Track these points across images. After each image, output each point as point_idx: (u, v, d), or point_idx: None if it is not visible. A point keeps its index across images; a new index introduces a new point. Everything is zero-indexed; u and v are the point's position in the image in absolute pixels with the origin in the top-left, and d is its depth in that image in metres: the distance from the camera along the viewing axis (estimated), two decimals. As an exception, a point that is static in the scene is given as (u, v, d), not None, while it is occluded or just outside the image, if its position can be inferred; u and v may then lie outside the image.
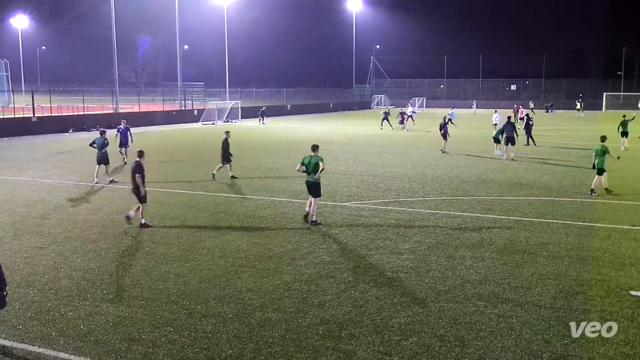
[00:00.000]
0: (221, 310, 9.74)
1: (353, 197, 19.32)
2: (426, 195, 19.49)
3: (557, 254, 12.76)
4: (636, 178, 23.34)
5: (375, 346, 8.47)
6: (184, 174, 24.40)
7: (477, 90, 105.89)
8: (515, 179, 22.73)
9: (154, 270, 11.73)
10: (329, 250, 13.08)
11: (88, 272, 11.67)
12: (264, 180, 22.52)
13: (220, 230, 14.92)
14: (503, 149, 29.72)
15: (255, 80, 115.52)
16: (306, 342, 8.59)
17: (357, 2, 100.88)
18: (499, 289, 10.68)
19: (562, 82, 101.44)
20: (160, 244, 13.66)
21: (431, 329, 9.04)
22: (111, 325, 9.16)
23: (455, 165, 26.90)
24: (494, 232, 14.61)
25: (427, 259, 12.48)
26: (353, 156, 30.22)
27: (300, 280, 11.13)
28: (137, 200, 15.40)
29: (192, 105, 62.81)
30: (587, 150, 33.20)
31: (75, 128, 46.33)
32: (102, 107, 56.50)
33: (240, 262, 12.25)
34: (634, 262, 12.19)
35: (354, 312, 9.67)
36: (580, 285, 10.88)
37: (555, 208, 17.50)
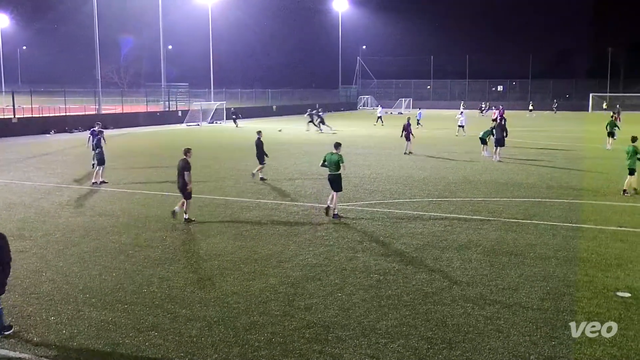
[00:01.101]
0: (206, 314, 9.63)
1: (340, 198, 19.20)
2: (413, 197, 19.46)
3: (544, 255, 12.77)
4: (622, 178, 23.38)
5: (362, 349, 8.41)
6: (168, 176, 24.15)
7: (463, 91, 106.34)
8: (502, 180, 22.78)
9: (137, 274, 11.57)
10: (316, 253, 12.99)
11: (70, 275, 11.49)
12: (250, 182, 22.37)
13: (205, 233, 14.78)
14: (492, 150, 29.78)
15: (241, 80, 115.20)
16: (292, 345, 8.51)
17: (343, 3, 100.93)
18: (487, 291, 10.65)
19: (549, 83, 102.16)
20: (144, 247, 13.49)
21: (418, 331, 8.99)
22: (94, 330, 9.03)
23: (442, 166, 26.93)
24: (481, 234, 14.60)
25: (414, 261, 12.43)
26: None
27: (286, 283, 11.04)
28: (182, 196, 15.88)
29: (176, 106, 62.46)
30: (573, 152, 33.45)
31: (57, 129, 45.88)
32: (85, 108, 55.97)
33: (226, 265, 12.13)
34: (621, 263, 12.22)
35: (341, 315, 9.59)
36: (567, 287, 10.88)
37: (542, 209, 17.54)
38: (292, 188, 21.01)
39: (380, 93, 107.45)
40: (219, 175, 23.91)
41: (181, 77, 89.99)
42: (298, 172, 24.81)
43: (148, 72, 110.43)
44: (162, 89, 67.18)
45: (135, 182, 22.32)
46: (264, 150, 22.64)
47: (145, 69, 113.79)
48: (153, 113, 58.51)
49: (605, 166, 27.00)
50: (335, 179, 16.25)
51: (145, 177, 23.52)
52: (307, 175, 23.75)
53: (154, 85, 77.50)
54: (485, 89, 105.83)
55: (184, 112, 58.93)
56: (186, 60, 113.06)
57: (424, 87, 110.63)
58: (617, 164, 27.69)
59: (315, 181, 22.52)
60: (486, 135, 31.05)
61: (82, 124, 47.46)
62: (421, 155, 30.99)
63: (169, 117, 58.33)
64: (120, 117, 53.92)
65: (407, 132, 32.13)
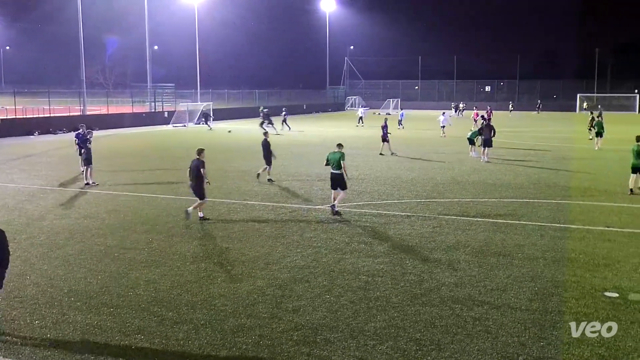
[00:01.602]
0: (193, 316, 9.54)
1: (327, 200, 19.16)
2: (401, 198, 19.44)
3: (532, 256, 12.78)
4: (609, 178, 23.62)
5: (350, 351, 8.36)
6: (154, 177, 24.04)
7: (451, 91, 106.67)
8: (490, 181, 22.83)
9: (123, 277, 11.45)
10: (303, 255, 12.92)
11: (55, 279, 11.35)
12: (237, 183, 22.27)
13: (192, 235, 14.66)
14: (479, 150, 29.84)
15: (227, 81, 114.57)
16: (280, 348, 8.45)
17: (330, 3, 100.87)
18: (475, 292, 10.64)
19: (536, 83, 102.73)
20: (130, 249, 13.36)
21: (407, 332, 8.96)
22: (79, 333, 8.92)
23: (430, 167, 26.96)
24: (470, 235, 14.60)
25: (403, 262, 12.40)
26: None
27: (274, 285, 10.96)
28: (195, 196, 16.10)
29: (162, 107, 62.11)
30: (561, 152, 33.63)
31: (41, 130, 45.47)
32: (69, 109, 55.51)
33: (213, 267, 12.04)
34: (608, 264, 12.27)
35: (329, 317, 9.54)
36: (555, 287, 10.89)
37: (530, 210, 17.59)
38: (280, 189, 20.93)
39: (368, 94, 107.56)
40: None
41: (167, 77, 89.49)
42: (285, 173, 24.73)
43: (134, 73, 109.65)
44: (148, 89, 66.78)
45: (121, 184, 22.13)
46: (271, 151, 22.65)
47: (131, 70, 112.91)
48: (139, 114, 58.15)
49: (592, 166, 27.17)
50: (338, 177, 16.76)
51: (131, 179, 23.34)
52: (294, 177, 23.68)
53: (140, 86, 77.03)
54: (473, 90, 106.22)
55: (170, 113, 58.62)
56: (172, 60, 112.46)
57: (411, 88, 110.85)
58: (604, 164, 27.93)
59: (303, 183, 22.47)
60: (474, 135, 31.14)
61: (67, 125, 47.06)
62: (409, 156, 31.03)
63: (155, 118, 58.00)
64: (105, 118, 53.50)
65: (384, 133, 32.06)
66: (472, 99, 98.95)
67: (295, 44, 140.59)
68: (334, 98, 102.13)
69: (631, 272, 11.76)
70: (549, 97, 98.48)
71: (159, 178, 23.76)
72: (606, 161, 29.25)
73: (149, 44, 70.16)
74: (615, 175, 24.54)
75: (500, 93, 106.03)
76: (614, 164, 28.30)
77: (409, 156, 31.08)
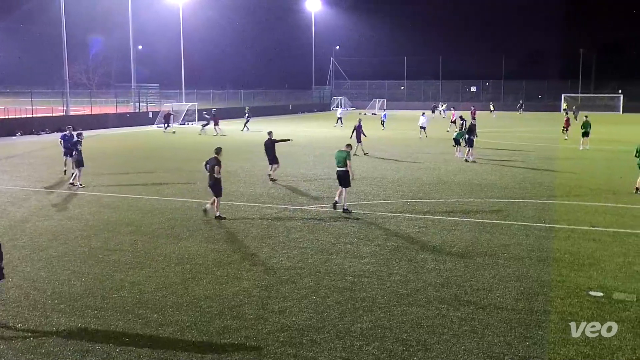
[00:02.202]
0: (178, 318, 9.47)
1: (313, 200, 19.16)
2: (387, 198, 19.45)
3: (517, 256, 12.84)
4: (594, 178, 23.80)
5: (337, 352, 8.34)
6: (138, 178, 23.87)
7: (437, 91, 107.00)
8: (475, 181, 22.91)
9: (107, 279, 11.34)
10: (289, 255, 12.88)
11: (38, 281, 11.21)
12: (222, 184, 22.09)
13: (177, 236, 14.56)
14: (464, 151, 29.92)
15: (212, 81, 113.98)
16: (267, 349, 8.42)
17: (316, 3, 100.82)
18: (461, 292, 10.66)
19: (522, 84, 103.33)
20: (115, 250, 13.24)
21: (393, 333, 8.95)
22: (63, 336, 8.82)
23: (415, 167, 27.01)
24: (455, 235, 14.63)
25: (389, 262, 12.40)
26: (313, 159, 30.08)
27: (260, 287, 10.91)
28: (212, 194, 16.43)
29: (147, 107, 61.69)
30: (546, 152, 33.84)
31: (24, 131, 44.97)
32: (52, 110, 54.96)
33: (198, 269, 11.96)
34: (593, 263, 12.35)
35: (315, 317, 9.51)
36: (541, 287, 10.94)
37: (516, 210, 17.67)
38: (265, 190, 20.86)
39: (354, 94, 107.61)
40: (191, 177, 23.64)
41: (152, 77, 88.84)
42: (271, 173, 24.62)
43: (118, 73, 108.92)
44: (132, 89, 66.29)
45: (105, 185, 21.94)
46: (275, 151, 22.85)
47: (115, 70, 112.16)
48: (123, 114, 57.75)
49: (577, 166, 27.36)
50: (343, 175, 17.18)
51: (116, 180, 23.16)
52: (279, 177, 23.60)
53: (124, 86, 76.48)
54: (459, 90, 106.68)
55: (154, 114, 58.24)
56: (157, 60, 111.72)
57: (397, 88, 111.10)
58: (589, 164, 28.15)
59: (289, 183, 22.42)
60: (460, 136, 31.25)
61: (50, 126, 46.62)
62: (394, 157, 31.07)
63: (140, 118, 57.60)
64: (89, 119, 53.02)
65: (357, 133, 31.81)
66: (458, 99, 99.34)
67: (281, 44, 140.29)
68: (319, 98, 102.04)
69: (615, 271, 11.85)
70: (534, 97, 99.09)
71: (144, 179, 23.59)
72: (591, 161, 29.50)
73: (133, 43, 69.66)
74: (600, 175, 24.75)
75: (485, 93, 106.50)
76: (599, 163, 28.57)
77: (395, 156, 31.11)
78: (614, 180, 23.23)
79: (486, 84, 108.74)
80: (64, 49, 53.33)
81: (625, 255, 12.87)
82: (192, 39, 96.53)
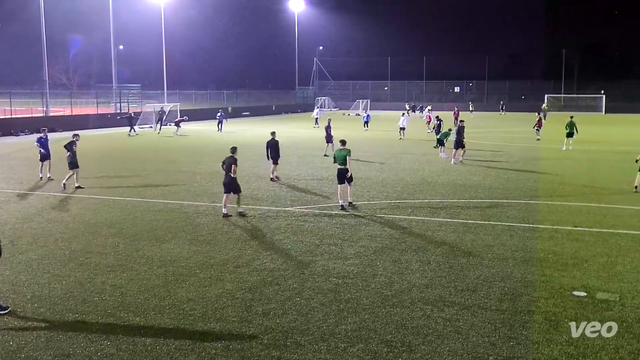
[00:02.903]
0: (161, 321, 9.36)
1: (297, 201, 19.09)
2: (371, 199, 19.43)
3: (502, 256, 12.87)
4: (577, 179, 23.96)
5: (321, 354, 8.29)
6: (120, 180, 23.64)
7: (421, 92, 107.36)
8: (459, 182, 22.97)
9: (88, 282, 11.19)
10: (273, 257, 12.80)
11: (17, 284, 11.03)
12: (205, 186, 22.01)
13: (159, 239, 14.41)
14: (450, 152, 29.88)
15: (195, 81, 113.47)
16: (250, 352, 8.34)
17: (299, 3, 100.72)
18: (446, 293, 10.66)
19: (505, 84, 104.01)
20: (96, 253, 13.07)
21: (378, 334, 8.92)
22: (43, 341, 8.68)
23: (399, 168, 27.04)
24: (440, 235, 14.64)
25: (373, 263, 12.37)
26: (297, 159, 30.02)
27: (243, 289, 10.83)
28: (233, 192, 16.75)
29: (128, 108, 61.16)
30: (530, 152, 34.05)
31: (2, 132, 44.39)
32: (32, 110, 54.29)
33: (181, 271, 11.84)
34: (576, 263, 12.41)
35: (300, 319, 9.45)
36: (524, 287, 10.97)
37: (500, 210, 17.73)
38: (249, 191, 20.73)
39: (338, 94, 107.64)
40: (174, 179, 23.47)
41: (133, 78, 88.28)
42: (254, 175, 24.54)
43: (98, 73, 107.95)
44: (113, 90, 65.76)
45: (85, 187, 21.68)
46: (278, 150, 22.88)
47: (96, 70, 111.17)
48: (104, 115, 57.20)
49: (561, 167, 27.55)
50: (345, 172, 17.66)
51: (97, 182, 22.89)
52: (263, 178, 23.51)
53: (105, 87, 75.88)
54: (443, 90, 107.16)
55: (136, 114, 57.72)
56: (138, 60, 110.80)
57: (381, 88, 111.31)
58: (572, 165, 28.35)
59: (273, 184, 22.33)
60: (444, 136, 31.32)
61: (29, 127, 46.06)
62: (378, 157, 31.08)
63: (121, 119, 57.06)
64: (69, 120, 52.41)
65: (327, 134, 31.80)
66: (442, 99, 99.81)
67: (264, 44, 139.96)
68: (303, 99, 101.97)
69: (599, 271, 11.92)
70: (517, 97, 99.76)
71: (126, 181, 23.37)
72: (574, 161, 29.71)
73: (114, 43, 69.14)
74: (583, 175, 24.94)
75: (469, 94, 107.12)
76: (582, 164, 28.79)
77: (378, 157, 31.12)
78: (597, 180, 23.43)
79: (470, 84, 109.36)
80: (44, 48, 52.76)
81: (608, 255, 12.96)
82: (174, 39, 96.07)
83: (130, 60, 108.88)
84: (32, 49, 75.81)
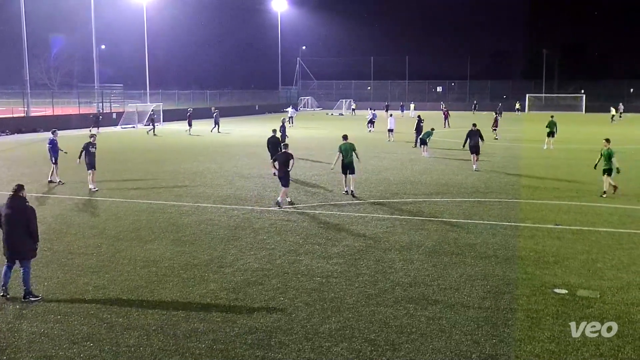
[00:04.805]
0: (144, 322, 9.32)
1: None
2: (355, 199, 19.47)
3: (484, 255, 12.97)
4: (558, 178, 24.16)
5: (305, 353, 8.31)
6: (103, 180, 23.45)
7: (403, 91, 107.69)
8: (442, 181, 23.09)
9: (71, 283, 11.11)
10: (257, 257, 12.80)
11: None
12: (188, 186, 21.92)
13: (142, 239, 14.34)
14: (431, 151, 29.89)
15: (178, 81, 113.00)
16: (234, 352, 8.34)
17: (282, 3, 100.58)
18: (429, 291, 10.72)
19: (487, 84, 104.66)
20: (78, 254, 12.98)
21: (362, 333, 8.95)
22: (25, 342, 8.62)
23: (383, 167, 27.12)
24: (423, 234, 14.72)
25: (357, 262, 12.41)
26: (279, 159, 29.90)
27: (227, 289, 10.81)
28: (281, 184, 17.99)
29: (110, 108, 60.72)
30: (511, 151, 34.32)
31: (-18, 133, 43.90)
32: (12, 111, 53.61)
33: (164, 272, 11.79)
34: (558, 261, 12.54)
35: (284, 319, 9.46)
36: (507, 285, 11.07)
37: (482, 209, 17.86)
38: (232, 191, 20.70)
39: (321, 94, 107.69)
40: (157, 179, 23.35)
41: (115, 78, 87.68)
42: (238, 174, 24.50)
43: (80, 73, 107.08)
44: (96, 90, 65.20)
45: (67, 187, 21.50)
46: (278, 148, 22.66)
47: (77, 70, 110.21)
48: (86, 115, 56.71)
49: (542, 166, 27.79)
50: (352, 164, 19.67)
51: (79, 183, 22.68)
52: (246, 178, 23.47)
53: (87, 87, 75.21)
54: (425, 90, 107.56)
55: (118, 114, 57.34)
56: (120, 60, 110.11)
57: (364, 88, 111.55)
58: (553, 164, 28.60)
59: (256, 184, 22.29)
60: (427, 136, 31.48)
61: (10, 127, 45.55)
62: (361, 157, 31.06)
63: (103, 119, 56.64)
64: (51, 120, 51.75)
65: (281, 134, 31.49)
66: (424, 99, 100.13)
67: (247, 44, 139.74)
68: (286, 99, 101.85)
69: (579, 268, 12.06)
70: (499, 97, 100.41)
71: (108, 181, 23.20)
72: (555, 160, 29.99)
73: (95, 43, 68.56)
74: (564, 174, 25.16)
75: (451, 93, 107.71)
76: (563, 163, 29.05)
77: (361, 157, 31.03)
78: (577, 179, 23.66)
79: (452, 84, 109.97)
80: (24, 48, 52.17)
81: (588, 253, 13.12)
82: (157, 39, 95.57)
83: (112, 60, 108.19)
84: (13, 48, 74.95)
